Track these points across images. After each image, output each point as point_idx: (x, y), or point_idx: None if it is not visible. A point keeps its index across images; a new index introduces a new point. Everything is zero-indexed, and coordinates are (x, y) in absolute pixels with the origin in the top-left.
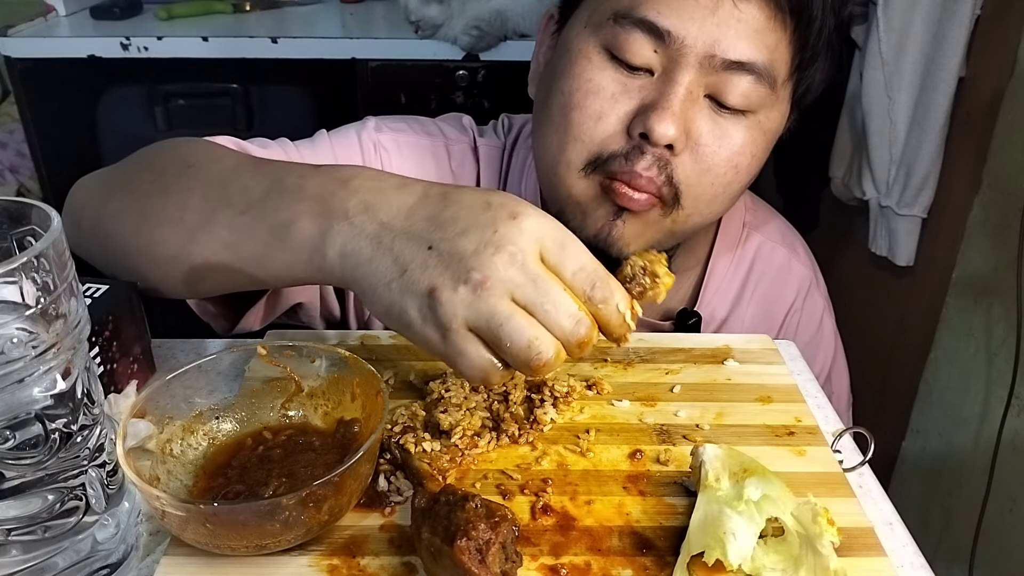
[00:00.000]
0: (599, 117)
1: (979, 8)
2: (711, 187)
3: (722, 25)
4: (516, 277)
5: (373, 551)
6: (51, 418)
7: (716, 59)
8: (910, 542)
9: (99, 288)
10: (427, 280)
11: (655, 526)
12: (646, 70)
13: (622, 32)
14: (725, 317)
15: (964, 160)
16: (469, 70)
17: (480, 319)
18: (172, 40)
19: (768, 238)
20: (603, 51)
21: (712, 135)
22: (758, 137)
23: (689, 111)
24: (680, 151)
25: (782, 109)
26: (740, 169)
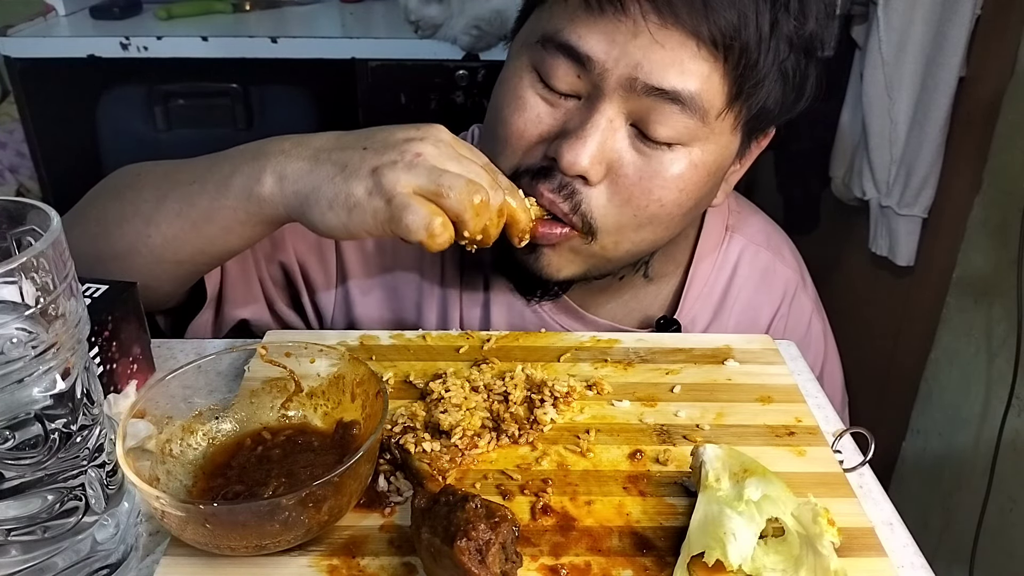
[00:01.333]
0: (520, 135)
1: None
2: (633, 219)
3: (644, 49)
4: (444, 152)
5: (373, 551)
6: (51, 418)
7: (638, 83)
8: (910, 542)
9: (99, 288)
10: (368, 165)
11: (655, 526)
12: (573, 95)
13: (548, 56)
14: (708, 323)
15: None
16: (469, 70)
17: (420, 179)
18: (172, 40)
19: (751, 241)
20: (533, 71)
21: (633, 166)
22: (687, 171)
23: (608, 141)
24: (596, 181)
25: (721, 141)
26: (666, 203)
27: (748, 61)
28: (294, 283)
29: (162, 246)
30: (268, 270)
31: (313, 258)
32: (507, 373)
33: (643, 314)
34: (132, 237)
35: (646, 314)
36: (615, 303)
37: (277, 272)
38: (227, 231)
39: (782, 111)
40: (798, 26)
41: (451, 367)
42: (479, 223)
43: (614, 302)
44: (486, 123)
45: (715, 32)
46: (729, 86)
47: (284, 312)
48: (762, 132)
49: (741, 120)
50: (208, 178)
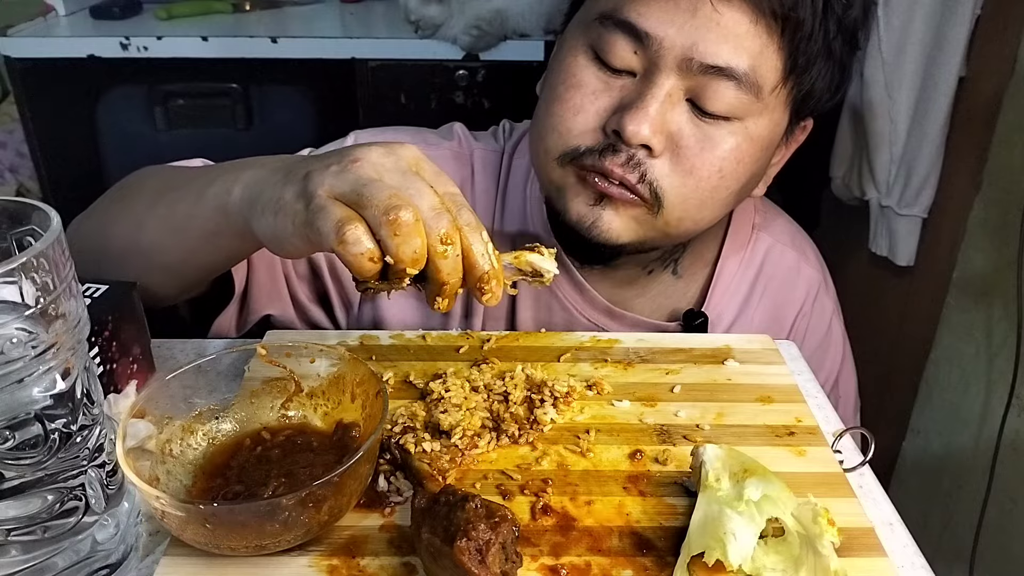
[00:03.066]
0: (578, 111)
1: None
2: (696, 191)
3: (701, 28)
4: (389, 164)
5: (373, 551)
6: (51, 418)
7: (694, 63)
8: (910, 542)
9: (99, 288)
10: (305, 169)
11: (655, 526)
12: (628, 72)
13: (605, 33)
14: (733, 319)
15: (964, 160)
16: (469, 70)
17: (344, 184)
18: (172, 40)
19: (778, 240)
20: (589, 50)
21: (693, 138)
22: (744, 144)
23: (668, 114)
24: (659, 153)
25: (774, 117)
26: (726, 174)
27: (803, 35)
28: (321, 278)
29: (149, 250)
30: (295, 266)
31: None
32: (507, 373)
33: (671, 309)
34: (125, 239)
35: (674, 309)
36: (644, 298)
37: (304, 268)
38: (204, 241)
39: (827, 96)
40: (846, 7)
41: (451, 367)
42: (405, 248)
43: (643, 297)
44: (539, 108)
45: (775, 5)
46: (783, 61)
47: (309, 308)
48: (806, 116)
49: (792, 97)
50: (191, 187)
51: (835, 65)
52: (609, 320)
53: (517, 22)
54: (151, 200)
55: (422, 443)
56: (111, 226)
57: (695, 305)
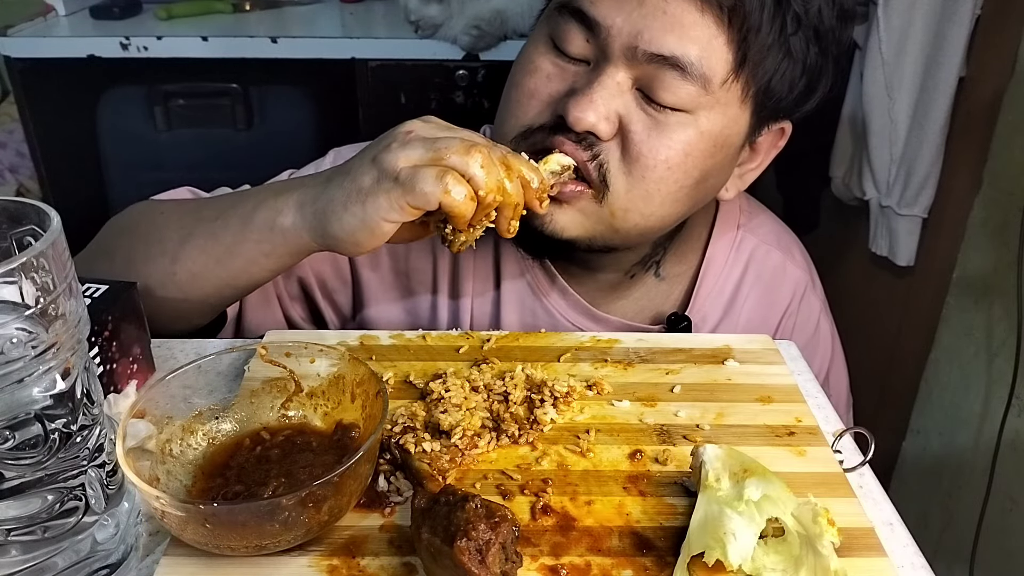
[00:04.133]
0: (531, 95)
1: (979, 8)
2: (642, 181)
3: (647, 17)
4: (434, 125)
5: (373, 551)
6: (51, 418)
7: (639, 51)
8: (910, 542)
9: (99, 288)
10: (368, 157)
11: (655, 526)
12: (583, 60)
13: (562, 22)
14: (718, 320)
15: (964, 160)
16: (469, 70)
17: (417, 150)
18: (172, 40)
19: (763, 241)
20: (548, 39)
21: (641, 125)
22: (694, 137)
23: (616, 100)
24: (607, 138)
25: (728, 112)
26: (673, 166)
27: (750, 27)
28: (311, 296)
29: (187, 282)
30: (286, 287)
31: (328, 268)
32: (507, 373)
33: (655, 312)
34: (159, 275)
35: (657, 312)
36: (626, 301)
37: (295, 288)
38: (251, 263)
39: (794, 98)
40: (804, 3)
41: (451, 367)
42: (491, 178)
43: (625, 300)
44: (503, 94)
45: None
46: (733, 53)
47: (303, 327)
48: (774, 119)
49: (749, 93)
50: (232, 214)
51: (797, 64)
52: (592, 324)
53: (517, 22)
54: (182, 235)
55: (422, 443)
56: (140, 264)
57: (679, 307)
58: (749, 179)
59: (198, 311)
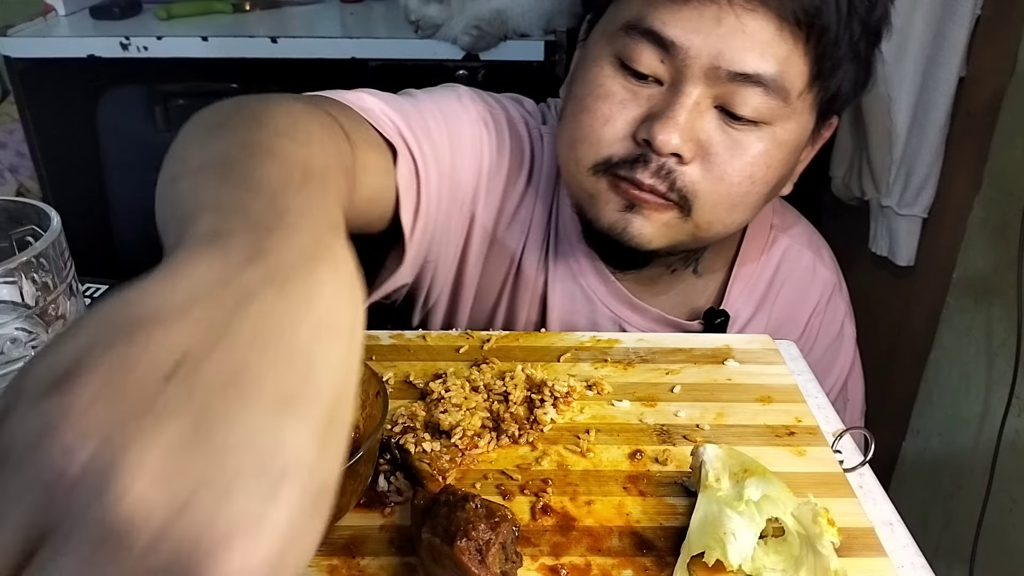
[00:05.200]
0: (607, 120)
1: (979, 8)
2: (727, 196)
3: (727, 37)
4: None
5: (373, 551)
6: None
7: (721, 71)
8: (910, 542)
9: (99, 288)
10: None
11: (655, 526)
12: (655, 80)
13: (631, 42)
14: (749, 317)
15: (965, 160)
16: (469, 70)
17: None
18: (172, 40)
19: (795, 241)
20: (615, 59)
21: (723, 145)
22: (773, 148)
23: (697, 122)
24: (689, 160)
25: (801, 120)
26: (756, 179)
27: (828, 40)
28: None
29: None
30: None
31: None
32: (507, 373)
33: (690, 307)
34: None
35: (692, 307)
36: (665, 296)
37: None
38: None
39: (852, 94)
40: (870, 8)
41: (451, 367)
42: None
43: (664, 295)
44: (565, 117)
45: (798, 11)
46: (809, 66)
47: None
48: (833, 115)
49: (818, 100)
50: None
51: (860, 65)
52: (631, 313)
53: (517, 22)
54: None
55: (422, 443)
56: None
57: (713, 303)
58: (799, 171)
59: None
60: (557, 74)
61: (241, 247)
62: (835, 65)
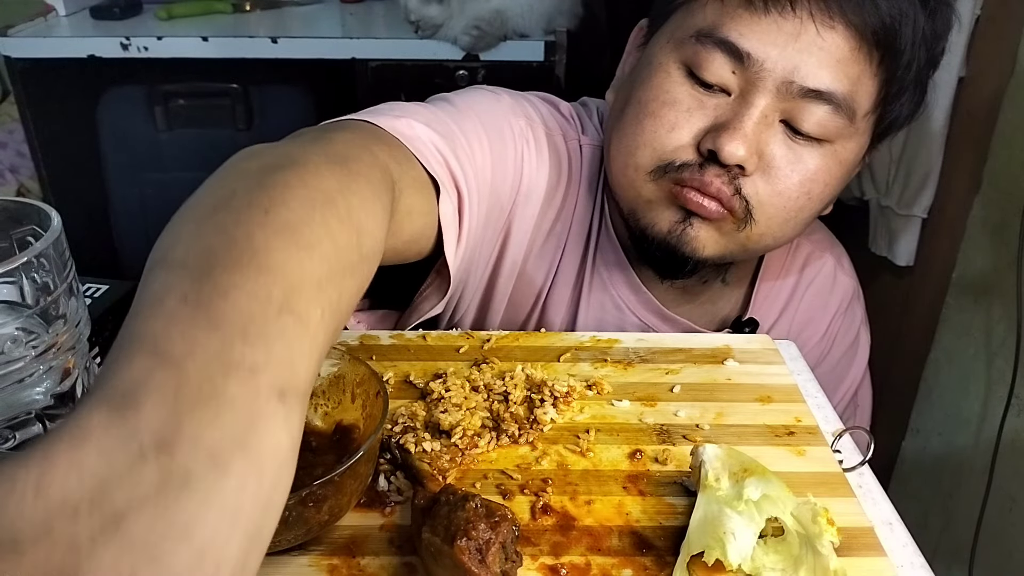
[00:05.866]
0: (672, 127)
1: (979, 8)
2: (783, 210)
3: (803, 52)
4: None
5: (373, 551)
6: (51, 418)
7: (794, 86)
8: (910, 542)
9: (99, 288)
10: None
11: (655, 526)
12: (723, 90)
13: (703, 50)
14: (773, 323)
15: (964, 160)
16: (469, 70)
17: None
18: (172, 40)
19: (817, 247)
20: (683, 67)
21: (785, 159)
22: (833, 166)
23: (763, 134)
24: (751, 172)
25: (861, 141)
26: (813, 196)
27: (900, 63)
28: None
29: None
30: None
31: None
32: (507, 373)
33: (716, 316)
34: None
35: (719, 316)
36: (692, 305)
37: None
38: None
39: (903, 122)
40: (937, 36)
41: (451, 367)
42: None
43: (692, 304)
44: (625, 121)
45: (878, 30)
46: (879, 87)
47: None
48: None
49: (879, 122)
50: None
51: (921, 92)
52: (660, 322)
53: (517, 22)
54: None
55: (422, 443)
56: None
57: (739, 311)
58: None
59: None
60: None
61: (151, 427)
62: (901, 89)
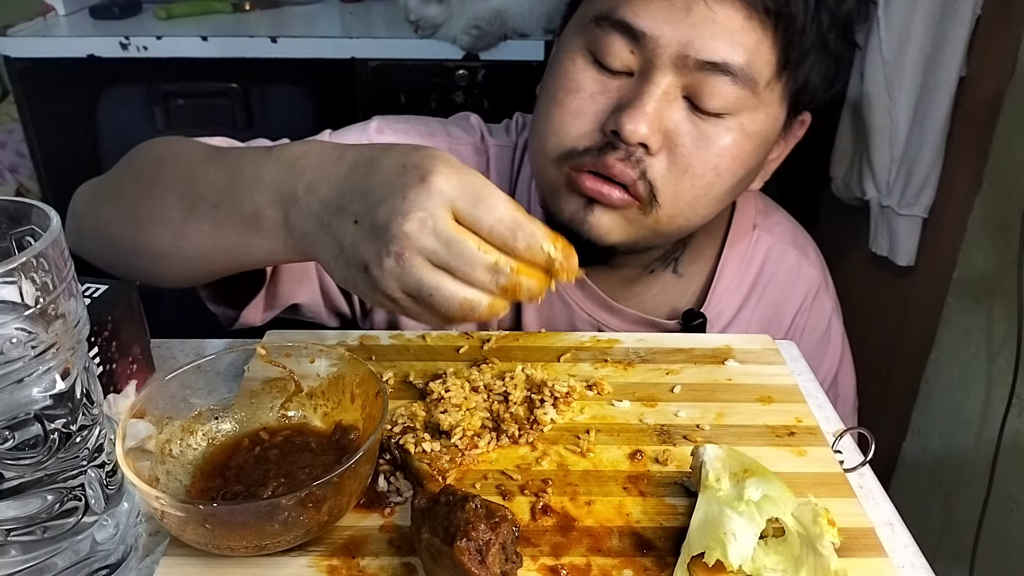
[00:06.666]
0: (576, 114)
1: (979, 8)
2: (691, 188)
3: (696, 26)
4: (428, 243)
5: (373, 552)
6: (50, 418)
7: (690, 59)
8: (911, 542)
9: (98, 288)
10: (359, 256)
11: (655, 526)
12: (625, 72)
13: (602, 34)
14: (732, 317)
15: (965, 160)
16: (469, 70)
17: (411, 289)
18: (171, 40)
19: (779, 240)
20: (587, 52)
21: (690, 136)
22: (741, 140)
23: (665, 111)
24: (656, 151)
25: (770, 112)
26: (721, 171)
27: (795, 30)
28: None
29: (196, 259)
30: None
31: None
32: (507, 373)
33: (671, 308)
34: (167, 243)
35: (674, 308)
36: (645, 296)
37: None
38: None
39: (822, 89)
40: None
41: (451, 367)
42: (489, 318)
43: (644, 295)
44: (537, 111)
45: (767, 0)
46: (777, 55)
47: (335, 295)
48: (803, 110)
49: (788, 91)
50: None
51: (830, 58)
52: (609, 316)
53: (517, 22)
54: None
55: (422, 443)
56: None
57: (695, 303)
58: (771, 169)
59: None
60: None
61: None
62: (802, 55)
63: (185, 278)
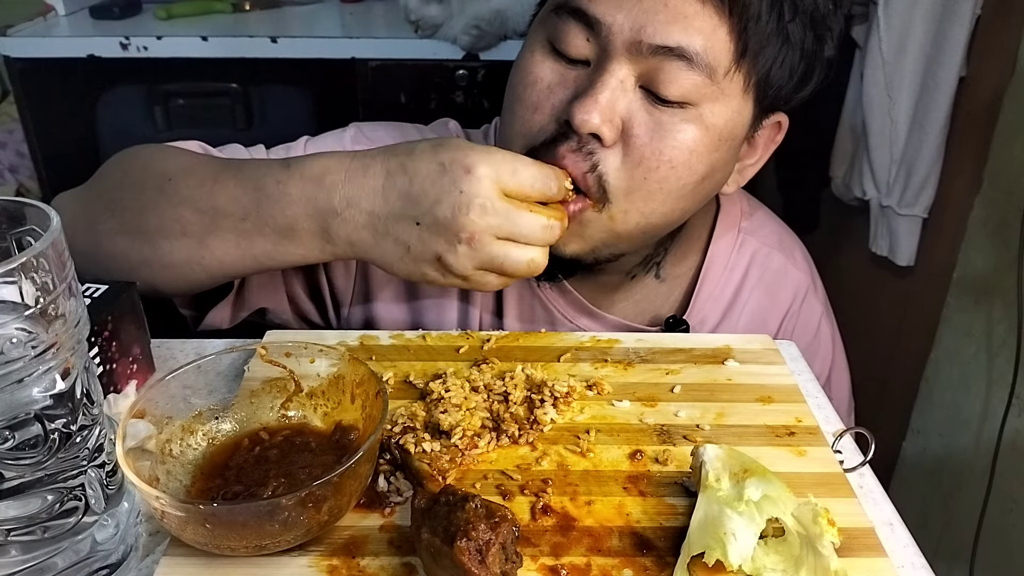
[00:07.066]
0: (535, 107)
1: (979, 8)
2: (644, 182)
3: (649, 11)
4: (492, 221)
5: (373, 551)
6: (50, 418)
7: (643, 44)
8: (910, 542)
9: (99, 288)
10: (430, 251)
11: (655, 526)
12: (583, 61)
13: (560, 23)
14: (717, 323)
15: (965, 160)
16: (469, 70)
17: (484, 264)
18: (171, 40)
19: (764, 243)
20: (546, 43)
21: (645, 126)
22: (699, 133)
23: (620, 101)
24: (610, 143)
25: (732, 104)
26: (676, 165)
27: (750, 16)
28: (315, 273)
29: (218, 267)
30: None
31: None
32: (507, 373)
33: (654, 314)
34: (186, 253)
35: (657, 314)
36: (627, 302)
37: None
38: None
39: (793, 86)
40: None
41: (451, 367)
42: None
43: (626, 301)
44: (503, 110)
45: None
46: (735, 42)
47: (303, 302)
48: (773, 109)
49: (751, 82)
50: (262, 222)
51: (795, 51)
52: (591, 322)
53: (517, 22)
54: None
55: (422, 443)
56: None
57: (679, 309)
58: (749, 174)
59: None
60: None
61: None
62: (761, 44)
63: (201, 285)
